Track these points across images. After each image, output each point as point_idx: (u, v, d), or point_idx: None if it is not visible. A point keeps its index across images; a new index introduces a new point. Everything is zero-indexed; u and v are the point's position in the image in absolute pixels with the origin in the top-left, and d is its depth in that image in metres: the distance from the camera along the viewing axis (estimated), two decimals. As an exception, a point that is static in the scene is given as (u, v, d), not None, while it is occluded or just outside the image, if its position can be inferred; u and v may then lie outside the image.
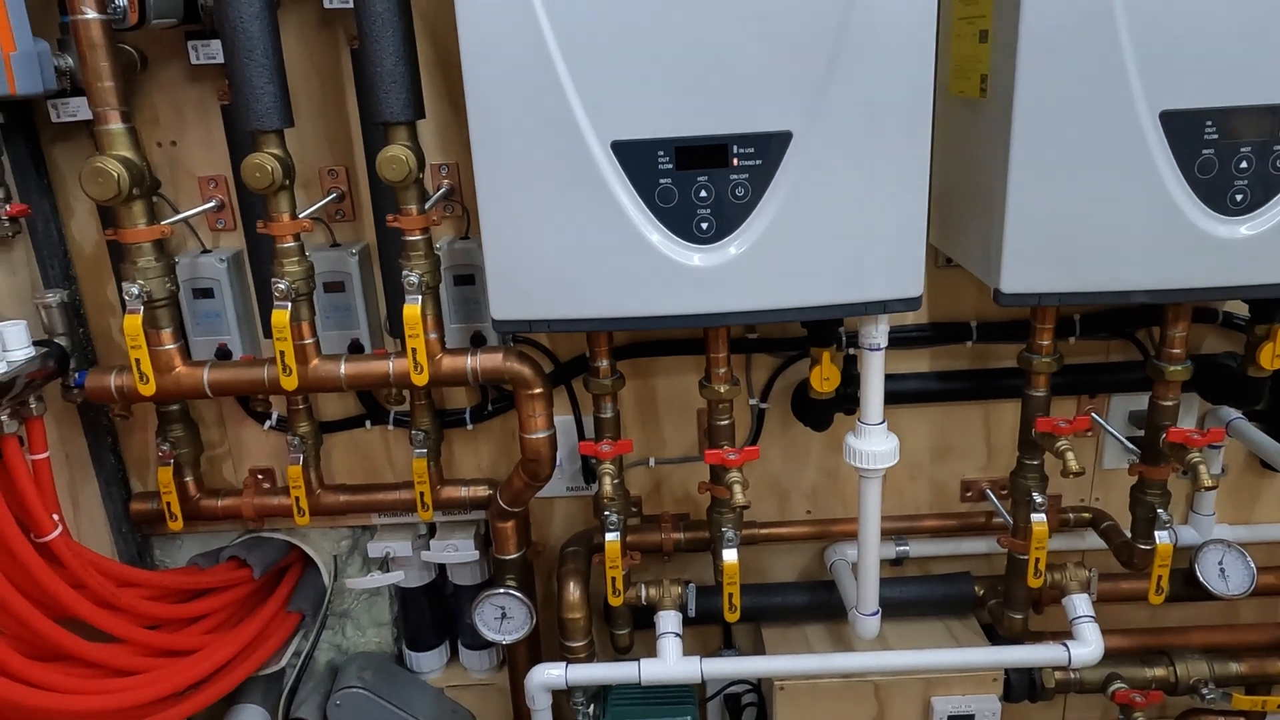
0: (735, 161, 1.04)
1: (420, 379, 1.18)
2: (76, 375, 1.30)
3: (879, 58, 1.00)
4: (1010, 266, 1.09)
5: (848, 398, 1.36)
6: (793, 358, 1.44)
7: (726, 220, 1.06)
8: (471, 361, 1.22)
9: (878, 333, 1.18)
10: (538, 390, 1.23)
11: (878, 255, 1.08)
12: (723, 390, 1.24)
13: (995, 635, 1.47)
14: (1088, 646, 1.32)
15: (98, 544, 1.45)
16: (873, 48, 1.00)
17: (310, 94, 1.31)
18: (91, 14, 1.08)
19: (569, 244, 1.06)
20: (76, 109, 1.23)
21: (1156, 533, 1.28)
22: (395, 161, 1.09)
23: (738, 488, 1.20)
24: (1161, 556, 1.28)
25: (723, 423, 1.27)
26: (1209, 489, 1.18)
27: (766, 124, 1.03)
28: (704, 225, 1.06)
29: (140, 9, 1.12)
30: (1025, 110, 1.03)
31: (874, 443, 1.23)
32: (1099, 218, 1.06)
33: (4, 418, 1.16)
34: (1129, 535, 1.35)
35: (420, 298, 1.16)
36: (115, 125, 1.12)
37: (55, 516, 1.24)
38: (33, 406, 1.22)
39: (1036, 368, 1.25)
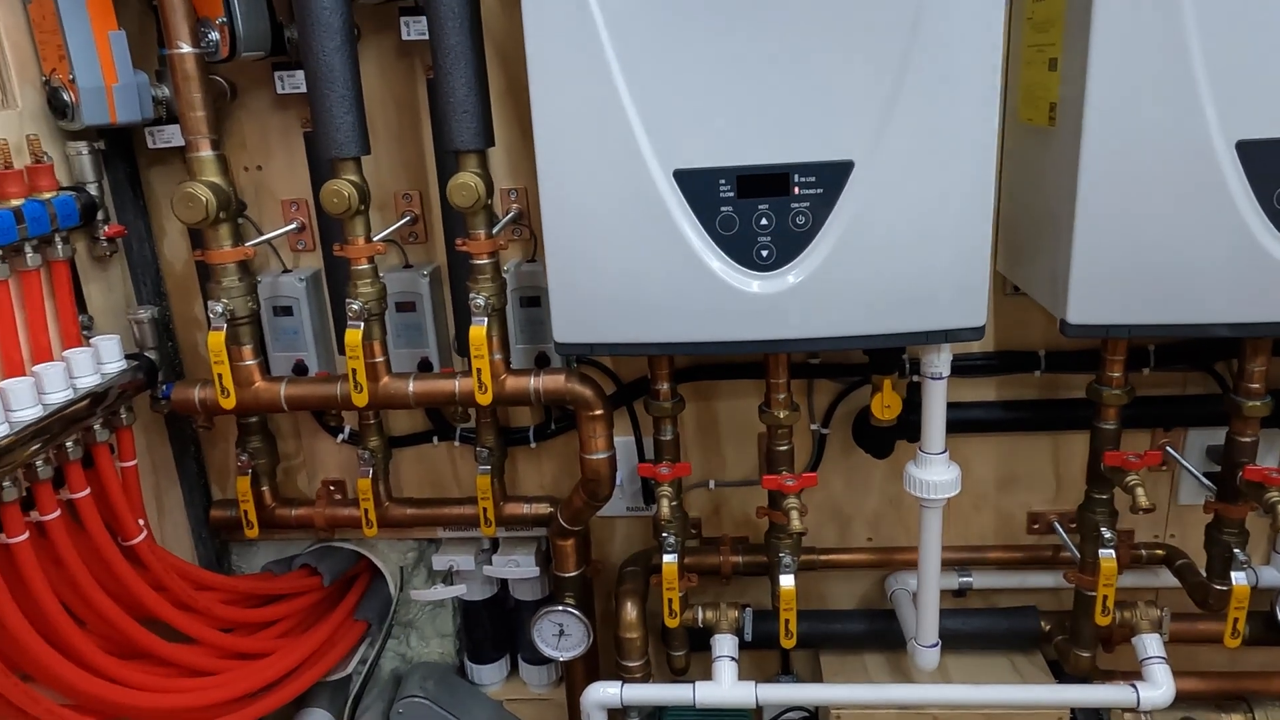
0: (796, 190, 1.05)
1: (484, 398, 1.21)
2: (164, 387, 1.37)
3: (943, 86, 1.00)
4: (1078, 297, 1.07)
5: (910, 425, 1.34)
6: (855, 383, 1.43)
7: (787, 248, 1.07)
8: (534, 382, 1.25)
9: (940, 361, 1.17)
10: (598, 412, 1.25)
11: (940, 284, 1.07)
12: (782, 416, 1.24)
13: (1061, 672, 1.44)
14: (1158, 689, 1.28)
15: (179, 548, 1.52)
16: (937, 76, 1.00)
17: (388, 121, 1.37)
18: (186, 48, 1.14)
19: (631, 270, 1.08)
20: (170, 136, 1.31)
21: (1233, 573, 1.24)
22: (465, 189, 1.13)
23: (795, 514, 1.20)
24: (1238, 598, 1.23)
25: (781, 448, 1.27)
26: (1289, 530, 1.14)
27: (828, 153, 1.03)
28: (764, 253, 1.07)
29: (231, 42, 1.18)
30: (1094, 139, 1.02)
31: (935, 472, 1.22)
32: (1171, 249, 1.04)
33: (96, 426, 1.23)
34: (1204, 575, 1.31)
35: (486, 319, 1.19)
36: (205, 153, 1.18)
37: (140, 521, 1.31)
38: (123, 416, 1.29)
39: (1106, 400, 1.22)
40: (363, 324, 1.20)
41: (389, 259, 1.42)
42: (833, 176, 1.04)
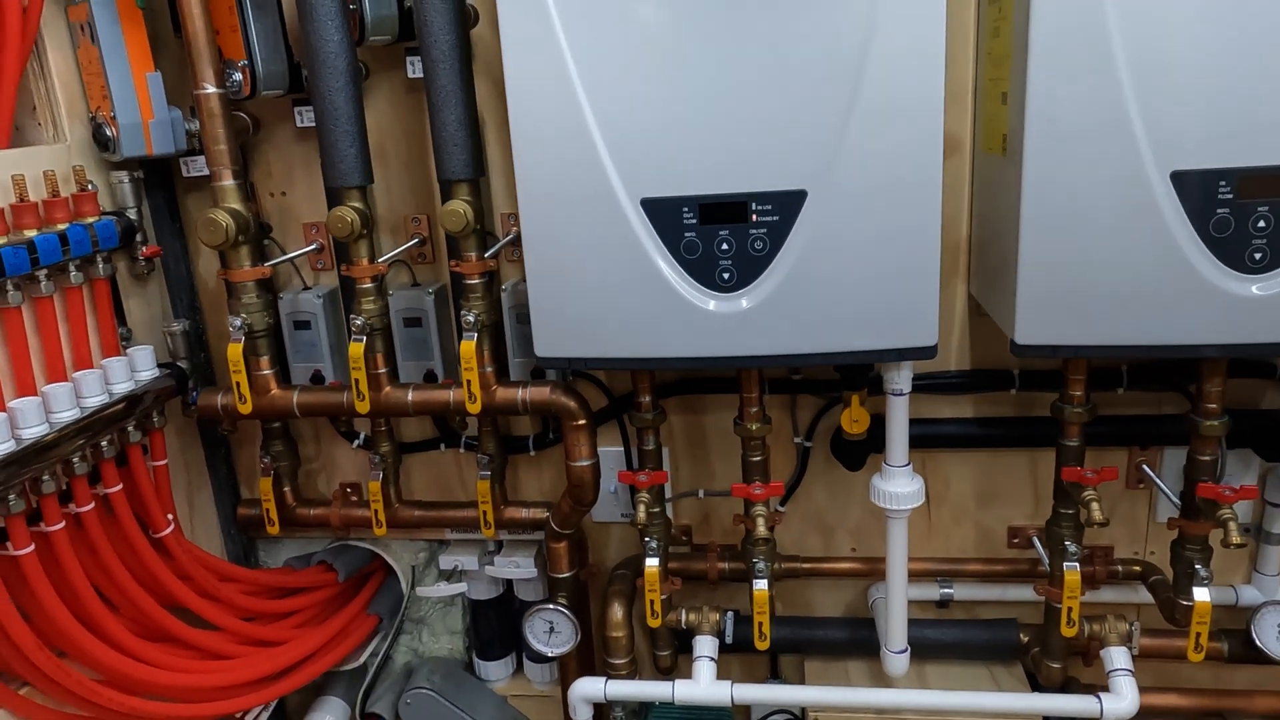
0: (754, 217, 1.13)
1: (474, 408, 1.31)
2: (194, 393, 1.50)
3: (889, 120, 1.07)
4: (1024, 318, 1.13)
5: (883, 439, 1.40)
6: (835, 399, 1.49)
7: (746, 271, 1.15)
8: (522, 394, 1.35)
9: (900, 379, 1.23)
10: (581, 422, 1.34)
11: (892, 305, 1.14)
12: (753, 428, 1.32)
13: (1040, 684, 1.47)
14: (1123, 700, 1.31)
15: (209, 543, 1.65)
16: (883, 110, 1.07)
17: (398, 150, 1.48)
18: (211, 89, 1.27)
19: (604, 291, 1.17)
20: (203, 165, 1.44)
21: (1194, 589, 1.27)
22: (454, 215, 1.23)
23: (761, 521, 1.27)
24: (1199, 613, 1.27)
25: (755, 459, 1.34)
26: (1237, 546, 1.17)
27: (783, 183, 1.11)
28: (725, 275, 1.15)
29: (252, 82, 1.30)
30: (1034, 167, 1.08)
31: (899, 484, 1.28)
32: (1113, 274, 1.09)
33: (130, 428, 1.36)
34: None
35: (476, 335, 1.29)
36: (228, 182, 1.31)
37: (169, 516, 1.44)
38: (155, 420, 1.42)
39: (1068, 418, 1.27)
40: (365, 338, 1.31)
41: (399, 277, 1.54)
42: (787, 204, 1.12)
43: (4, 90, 1.23)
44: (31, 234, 1.22)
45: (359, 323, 1.30)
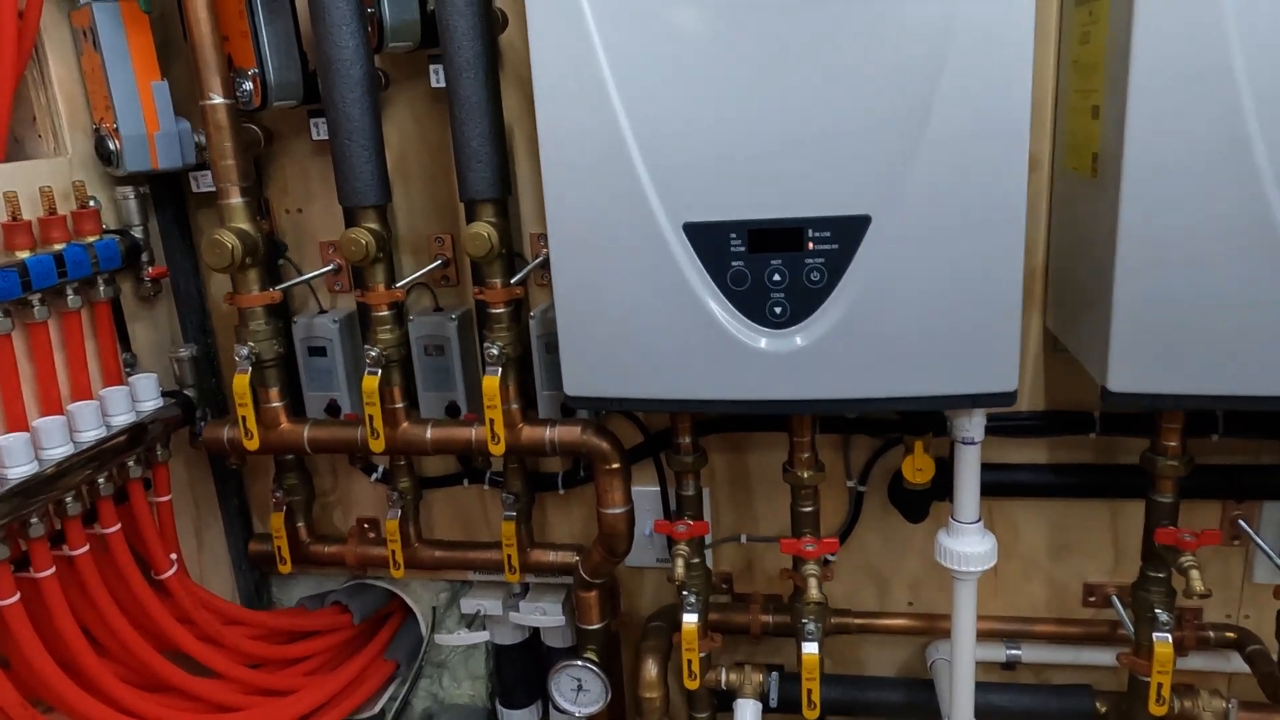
0: (811, 245, 1.00)
1: (497, 449, 1.20)
2: (201, 424, 1.40)
3: (968, 136, 0.94)
4: (1119, 363, 0.99)
5: (948, 485, 1.27)
6: (893, 440, 1.36)
7: (800, 305, 1.02)
8: (550, 433, 1.23)
9: (971, 426, 1.10)
10: (615, 466, 1.22)
11: (966, 346, 1.01)
12: (805, 476, 1.19)
13: (1117, 760, 1.33)
14: (1220, 789, 1.17)
15: (219, 580, 1.55)
16: (962, 125, 0.94)
17: (421, 165, 1.38)
18: (218, 99, 1.17)
19: (641, 324, 1.05)
20: (214, 180, 1.34)
21: (1306, 667, 1.12)
22: (477, 239, 1.12)
23: (813, 581, 1.14)
24: (1312, 697, 1.12)
25: (806, 509, 1.21)
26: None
27: (843, 207, 0.99)
28: (777, 309, 1.03)
29: (263, 93, 1.21)
30: (1133, 193, 0.94)
31: (968, 543, 1.14)
32: (1224, 316, 0.95)
33: (130, 463, 1.26)
34: (1278, 664, 1.19)
35: (500, 369, 1.18)
36: (235, 200, 1.21)
37: (172, 555, 1.34)
38: (159, 453, 1.32)
39: (1161, 471, 1.13)
40: (380, 371, 1.20)
41: (421, 301, 1.43)
42: (848, 231, 0.99)
43: (-2, 101, 1.14)
44: (24, 255, 1.13)
45: (374, 354, 1.20)
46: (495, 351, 1.17)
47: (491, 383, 1.17)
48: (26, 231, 1.14)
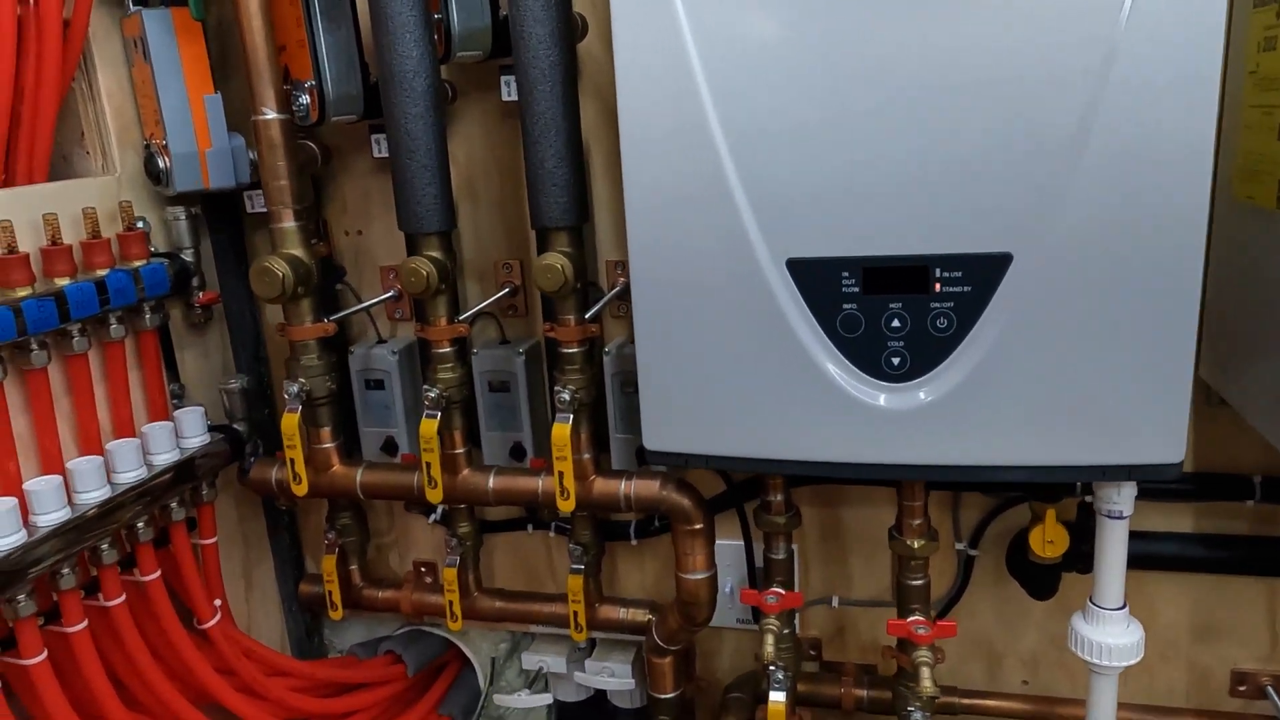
0: (938, 287, 0.86)
1: (566, 505, 1.07)
2: (251, 459, 1.30)
3: (1133, 162, 0.79)
4: (1313, 433, 0.82)
5: (1079, 554, 1.11)
6: (1014, 499, 1.20)
7: (924, 356, 0.88)
8: (625, 487, 1.10)
9: (1121, 498, 0.94)
10: (697, 526, 1.09)
11: (1123, 408, 0.85)
12: (916, 546, 1.04)
13: None
14: None
15: (268, 622, 1.46)
16: (1127, 148, 0.79)
17: (490, 184, 1.26)
18: (271, 114, 1.07)
19: (733, 373, 0.92)
20: (265, 202, 1.25)
21: None
22: (550, 271, 1.00)
23: (925, 672, 0.99)
24: None
25: (915, 582, 1.06)
26: None
27: (979, 243, 0.84)
28: (895, 360, 0.88)
29: (320, 107, 1.10)
30: (1345, 233, 0.77)
31: (1110, 632, 0.98)
32: None
33: (172, 504, 1.17)
34: None
35: (572, 416, 1.05)
36: (288, 224, 1.11)
37: (216, 602, 1.25)
38: (204, 493, 1.23)
39: (1348, 554, 0.95)
40: (440, 414, 1.09)
41: (486, 331, 1.32)
42: (984, 271, 0.84)
43: (40, 117, 1.06)
44: (63, 283, 1.04)
45: (433, 395, 1.08)
46: (567, 397, 1.05)
47: (562, 431, 1.05)
48: (67, 257, 1.05)
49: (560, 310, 1.06)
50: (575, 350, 1.07)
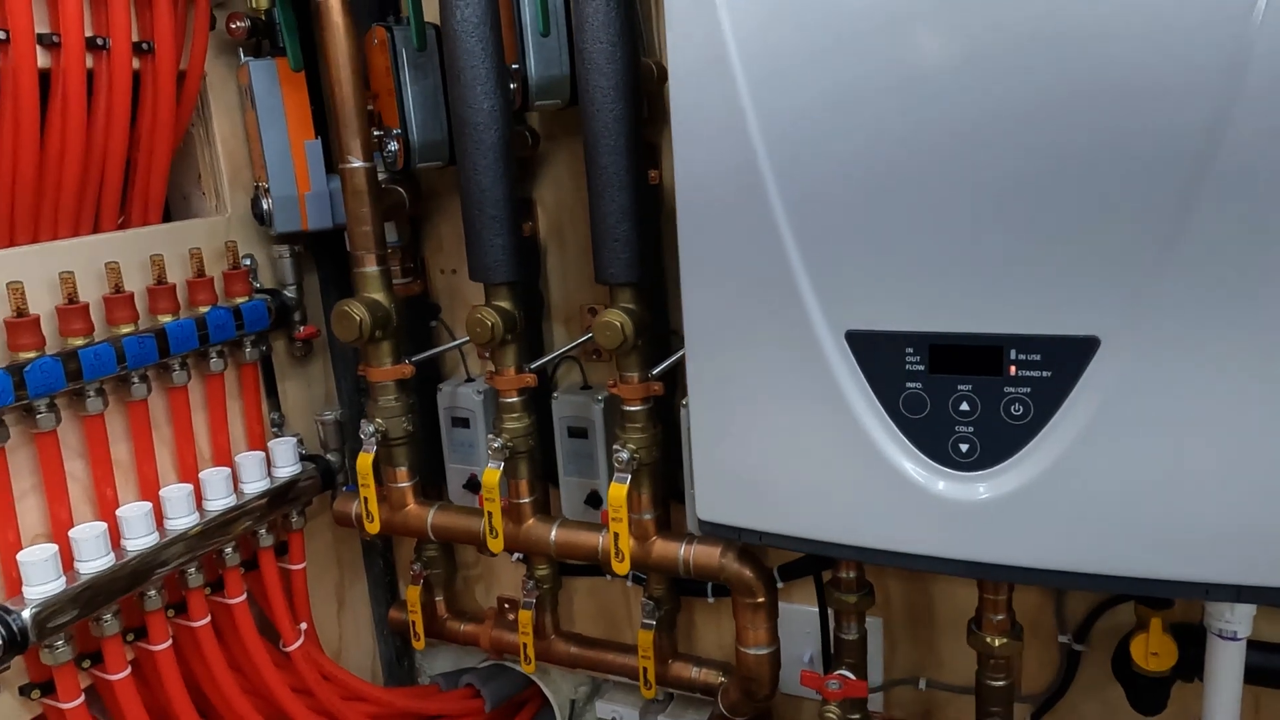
0: (1013, 370, 0.77)
1: (620, 567, 1.04)
2: (345, 487, 1.35)
3: (1248, 234, 0.68)
4: None
5: (1189, 660, 0.97)
6: (1124, 595, 1.07)
7: (996, 444, 0.79)
8: (685, 552, 1.06)
9: (1235, 618, 0.81)
10: (759, 599, 1.03)
11: (1228, 519, 0.73)
12: (996, 645, 0.94)
13: None
14: None
15: (360, 644, 1.50)
16: (1239, 218, 0.68)
17: (576, 229, 1.25)
18: (356, 163, 1.10)
19: (788, 448, 0.86)
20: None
21: None
22: (608, 328, 0.97)
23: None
24: None
25: (996, 683, 0.96)
26: None
27: (1061, 324, 0.75)
28: (963, 447, 0.80)
29: (406, 154, 1.12)
30: None
31: (1220, 767, 0.85)
32: None
33: (262, 530, 1.22)
34: None
35: (630, 476, 1.02)
36: (370, 268, 1.13)
37: (302, 625, 1.29)
38: (293, 520, 1.28)
39: None
40: (503, 463, 1.08)
41: (570, 375, 1.31)
42: (1068, 356, 0.75)
43: (155, 164, 1.13)
44: (166, 320, 1.10)
45: (497, 445, 1.08)
46: (625, 456, 1.02)
47: (619, 491, 1.02)
48: (170, 295, 1.11)
49: (622, 367, 1.03)
50: (637, 408, 1.04)
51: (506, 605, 1.46)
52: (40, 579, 0.95)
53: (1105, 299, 0.73)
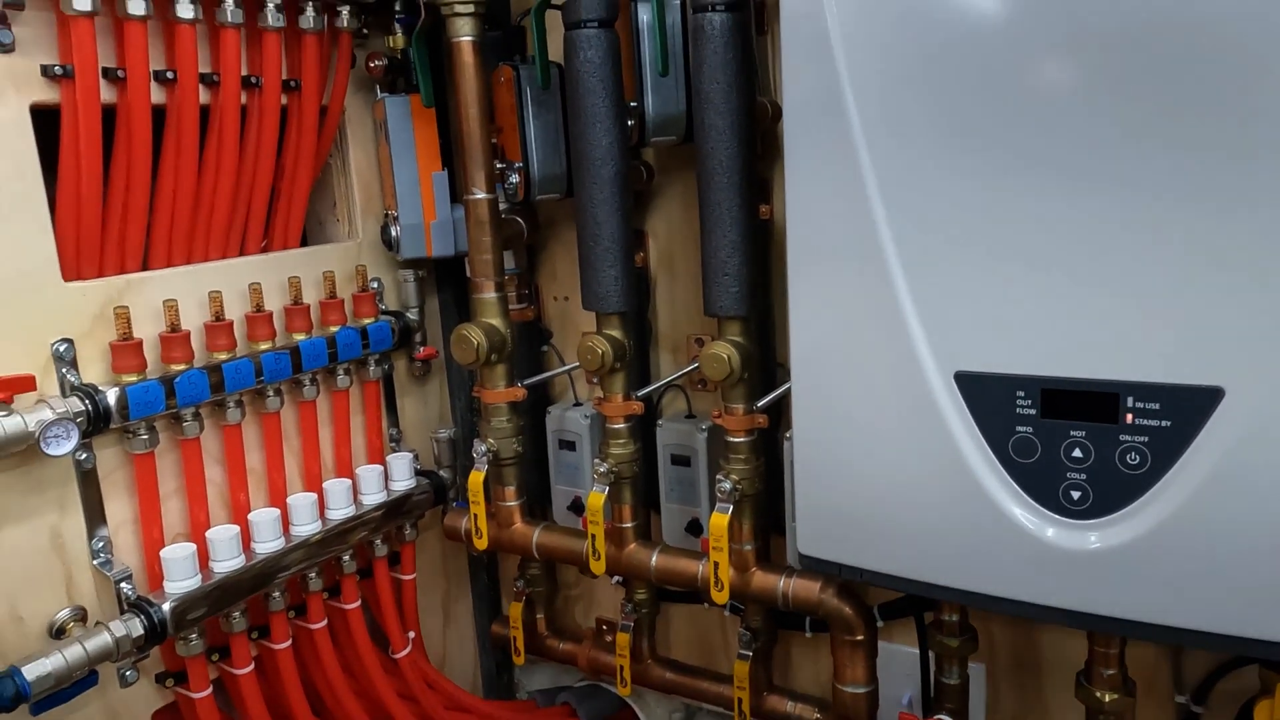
0: (1129, 418, 0.76)
1: (719, 596, 1.05)
2: (455, 503, 1.40)
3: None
4: None
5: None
6: (1244, 658, 1.02)
7: (1110, 492, 0.77)
8: (784, 585, 1.06)
9: (1369, 688, 0.77)
10: (858, 637, 1.03)
11: (1366, 585, 0.70)
12: (1106, 700, 0.91)
13: None
14: None
15: (462, 657, 1.55)
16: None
17: (687, 260, 1.28)
18: (480, 194, 1.15)
19: (892, 486, 0.86)
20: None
21: None
22: (715, 361, 0.99)
23: None
24: None
25: (1104, 740, 0.93)
26: None
27: (1183, 372, 0.73)
28: (1075, 494, 0.79)
29: (526, 187, 1.17)
30: None
31: None
32: None
33: (377, 541, 1.28)
34: None
35: (731, 506, 1.03)
36: (488, 294, 1.18)
37: (410, 634, 1.35)
38: (406, 533, 1.34)
39: None
40: (608, 487, 1.11)
41: (675, 403, 1.33)
42: (1189, 406, 0.73)
43: (296, 192, 1.21)
44: (300, 338, 1.18)
45: (602, 469, 1.11)
46: (728, 486, 1.03)
47: (720, 521, 1.03)
48: (305, 315, 1.19)
49: (728, 398, 1.05)
50: (741, 440, 1.05)
51: (605, 627, 1.48)
52: (179, 575, 1.03)
53: (1229, 348, 0.71)
